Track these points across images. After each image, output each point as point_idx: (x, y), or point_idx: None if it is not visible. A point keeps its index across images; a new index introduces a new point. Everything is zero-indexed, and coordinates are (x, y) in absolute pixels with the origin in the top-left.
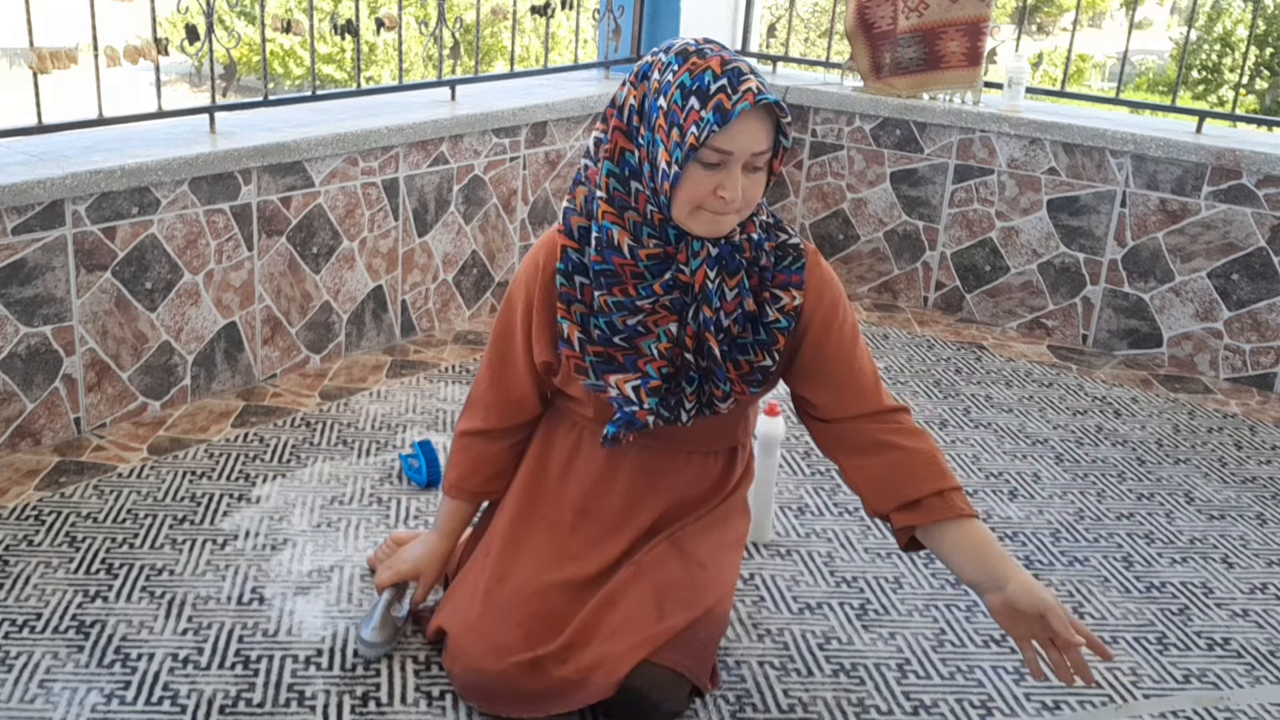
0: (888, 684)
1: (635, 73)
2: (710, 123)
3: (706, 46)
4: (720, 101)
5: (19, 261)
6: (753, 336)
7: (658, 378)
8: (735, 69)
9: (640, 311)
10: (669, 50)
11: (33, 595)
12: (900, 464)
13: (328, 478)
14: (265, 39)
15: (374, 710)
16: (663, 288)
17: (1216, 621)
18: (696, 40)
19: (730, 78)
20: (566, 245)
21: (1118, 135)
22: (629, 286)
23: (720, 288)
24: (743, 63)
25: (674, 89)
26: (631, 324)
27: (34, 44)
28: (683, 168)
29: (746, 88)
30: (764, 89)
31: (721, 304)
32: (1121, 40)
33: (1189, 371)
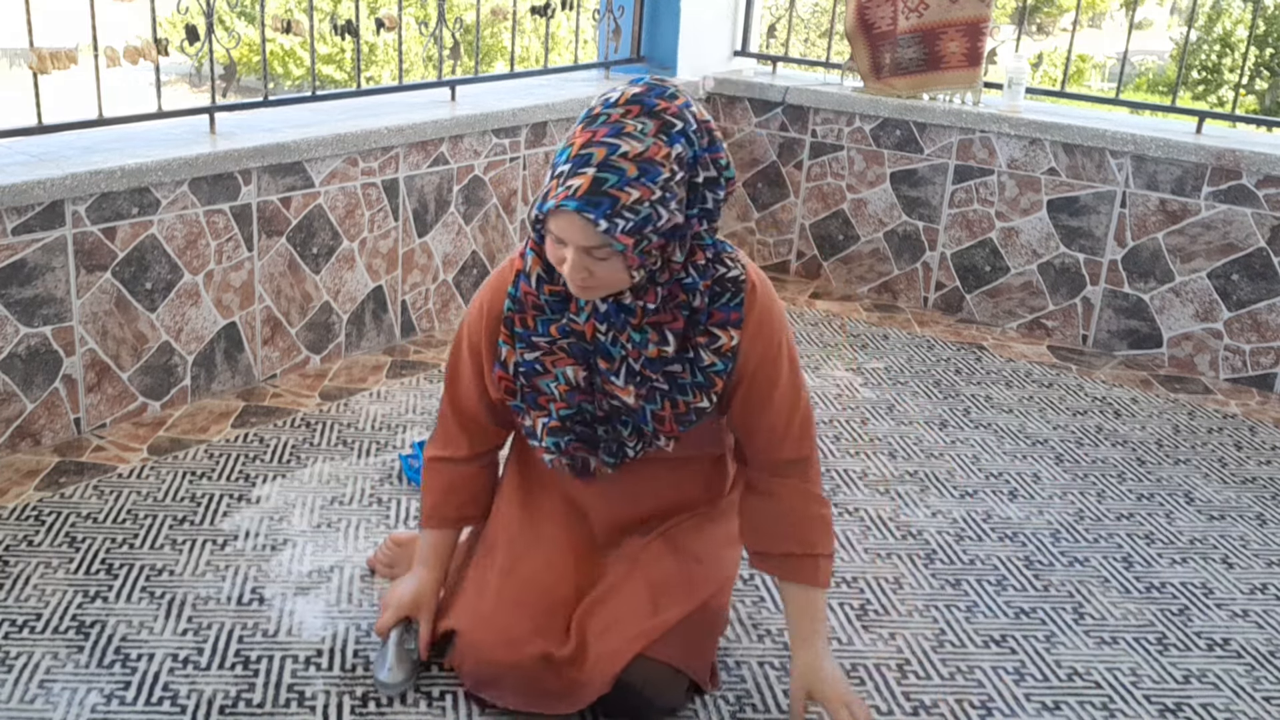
0: (888, 684)
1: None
2: (537, 201)
3: (624, 119)
4: (549, 187)
5: (19, 262)
6: (690, 378)
7: (556, 419)
8: (585, 156)
9: (536, 349)
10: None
11: (33, 595)
12: (781, 517)
13: (328, 478)
14: (265, 39)
15: (374, 710)
16: (559, 330)
17: (1216, 621)
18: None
19: (574, 165)
20: (518, 269)
21: (1118, 135)
22: (528, 318)
23: (616, 340)
24: (604, 149)
25: (562, 145)
26: (529, 360)
27: (34, 44)
28: (537, 231)
29: (567, 185)
30: (593, 190)
31: (626, 352)
32: (1121, 40)
33: (1189, 372)
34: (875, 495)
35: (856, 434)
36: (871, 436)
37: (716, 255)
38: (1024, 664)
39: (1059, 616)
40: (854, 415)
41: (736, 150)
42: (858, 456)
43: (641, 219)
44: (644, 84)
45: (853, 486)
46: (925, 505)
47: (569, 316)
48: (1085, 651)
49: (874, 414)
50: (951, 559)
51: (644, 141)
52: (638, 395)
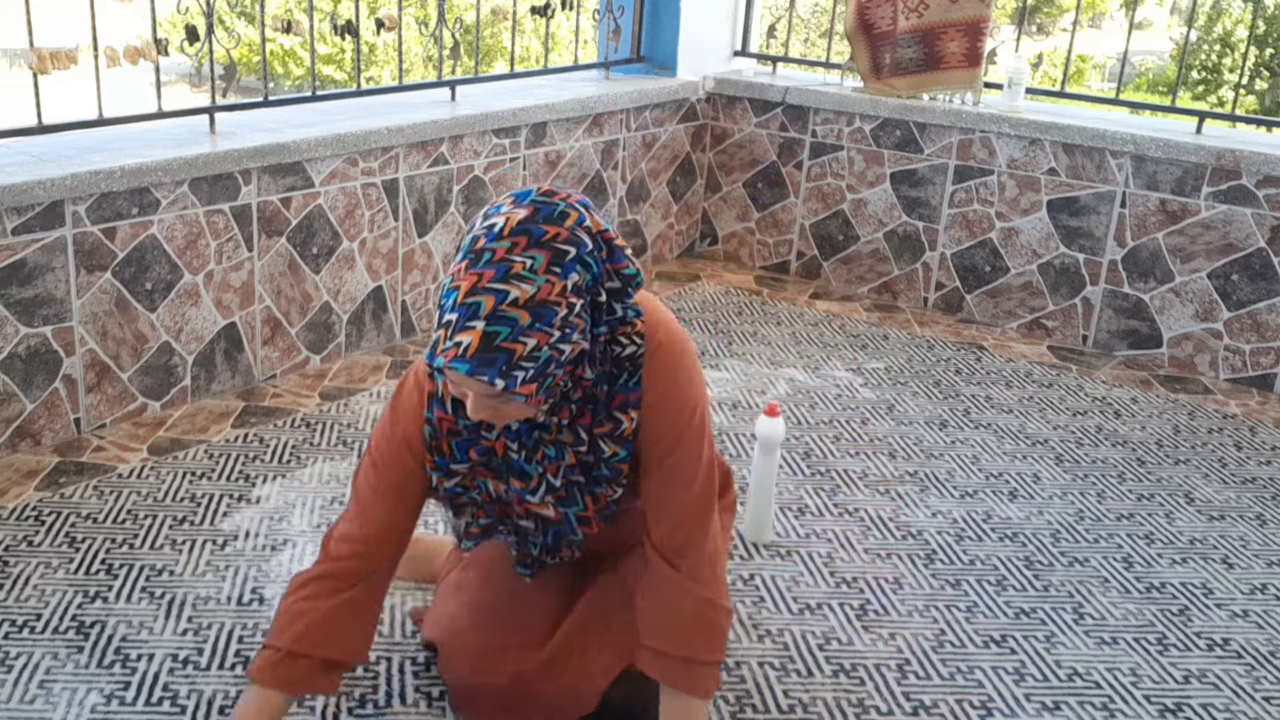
0: (888, 684)
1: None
2: (428, 354)
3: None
4: (439, 336)
5: (19, 262)
6: (595, 469)
7: (478, 526)
8: (474, 305)
9: (456, 475)
10: (485, 218)
11: (33, 595)
12: (676, 614)
13: (328, 478)
14: (265, 39)
15: (373, 711)
16: (476, 453)
17: (1216, 622)
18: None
19: (461, 316)
20: (429, 390)
21: (1118, 136)
22: (444, 444)
23: (531, 459)
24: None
25: (447, 283)
26: (449, 486)
27: (34, 44)
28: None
29: (456, 341)
30: (484, 347)
31: (544, 469)
32: (1121, 40)
33: (1189, 372)
34: (875, 495)
35: (856, 434)
36: (871, 436)
37: (611, 335)
38: (1024, 664)
39: (1059, 616)
40: (854, 415)
41: (736, 150)
42: (858, 456)
43: (541, 365)
44: (530, 203)
45: (853, 486)
46: (925, 505)
47: (482, 435)
48: (1085, 651)
49: (874, 414)
50: (951, 559)
51: (535, 282)
52: (557, 507)
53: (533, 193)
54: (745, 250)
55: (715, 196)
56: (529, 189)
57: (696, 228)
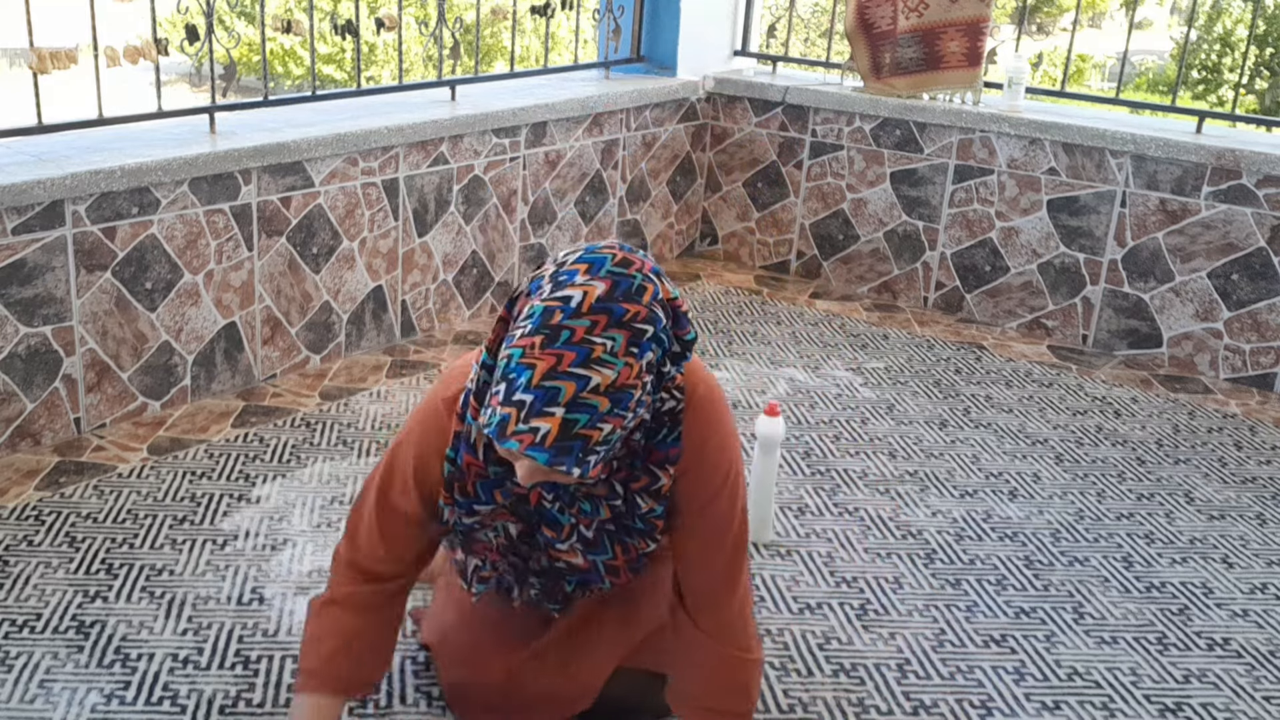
0: (888, 684)
1: (547, 264)
2: (491, 427)
3: (591, 336)
4: (506, 414)
5: (19, 261)
6: (630, 521)
7: (489, 569)
8: (553, 391)
9: (476, 515)
10: (558, 286)
11: (33, 595)
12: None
13: (328, 478)
14: (265, 39)
15: (373, 711)
16: (502, 495)
17: (1216, 621)
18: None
19: (538, 400)
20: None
21: (1118, 135)
22: (469, 485)
23: (565, 510)
24: (573, 384)
25: (507, 351)
26: (468, 523)
27: (34, 44)
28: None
29: (531, 426)
30: (563, 436)
31: (576, 520)
32: (1121, 40)
33: (1189, 371)
34: (875, 495)
35: (856, 434)
36: (871, 436)
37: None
38: (1024, 664)
39: (1059, 616)
40: (854, 415)
41: (736, 150)
42: (858, 456)
43: (612, 446)
44: (608, 275)
45: (853, 486)
46: (925, 505)
47: (512, 482)
48: (1085, 651)
49: (874, 414)
50: (951, 559)
51: (615, 366)
52: (585, 555)
53: (608, 261)
54: (745, 250)
55: (715, 196)
56: (602, 255)
57: (696, 227)
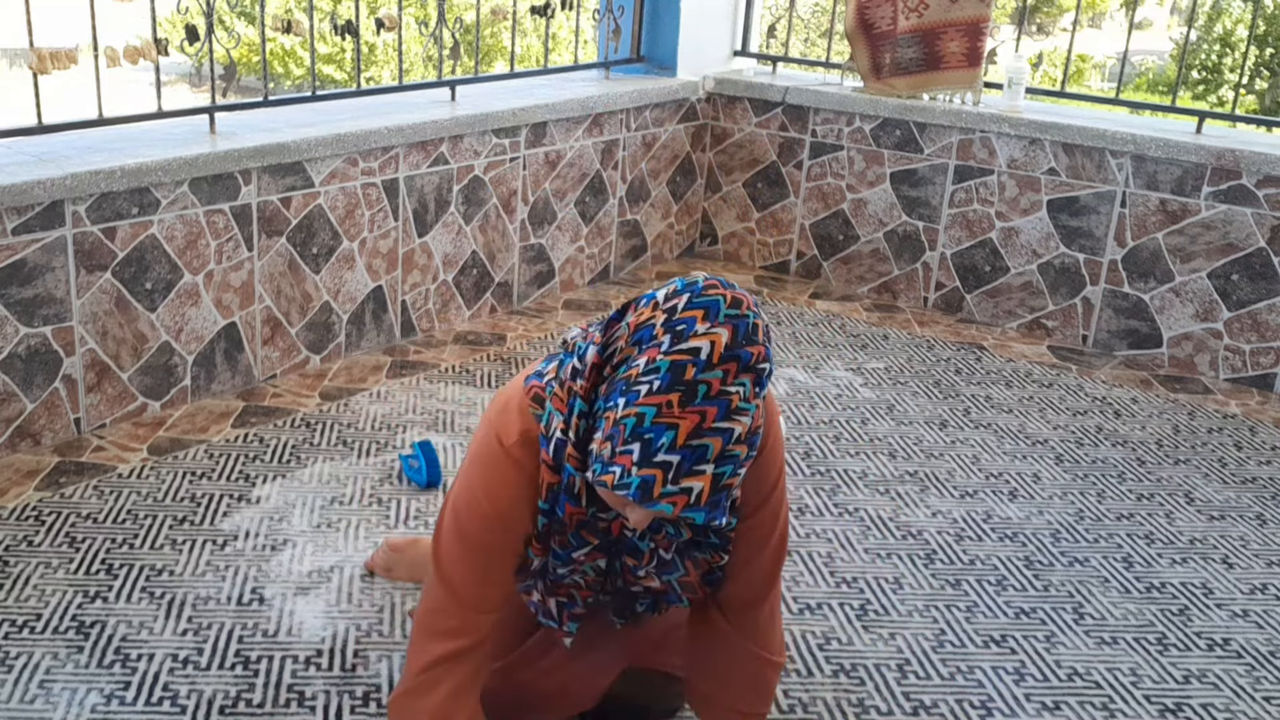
0: (888, 684)
1: (645, 309)
2: (630, 490)
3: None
4: (651, 481)
5: (19, 261)
6: (703, 537)
7: (582, 606)
8: (700, 449)
9: (572, 563)
10: (679, 338)
11: (33, 595)
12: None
13: (328, 478)
14: (265, 39)
15: (374, 710)
16: (593, 534)
17: (1216, 621)
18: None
19: (686, 459)
20: (551, 482)
21: (1118, 135)
22: (568, 536)
23: (648, 535)
24: (719, 439)
25: (633, 409)
26: (561, 573)
27: (34, 44)
28: (593, 482)
29: (683, 488)
30: (716, 493)
31: (656, 544)
32: (1121, 40)
33: (1189, 372)
34: (875, 495)
35: (856, 434)
36: (871, 436)
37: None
38: (1024, 664)
39: (1059, 616)
40: (854, 415)
41: (736, 150)
42: (858, 456)
43: (738, 485)
44: (728, 321)
45: (853, 487)
46: (925, 505)
47: (599, 517)
48: (1085, 651)
49: (874, 414)
50: (951, 559)
51: (749, 413)
52: (660, 576)
53: (722, 304)
54: (745, 250)
55: (715, 196)
56: (713, 297)
57: (696, 228)
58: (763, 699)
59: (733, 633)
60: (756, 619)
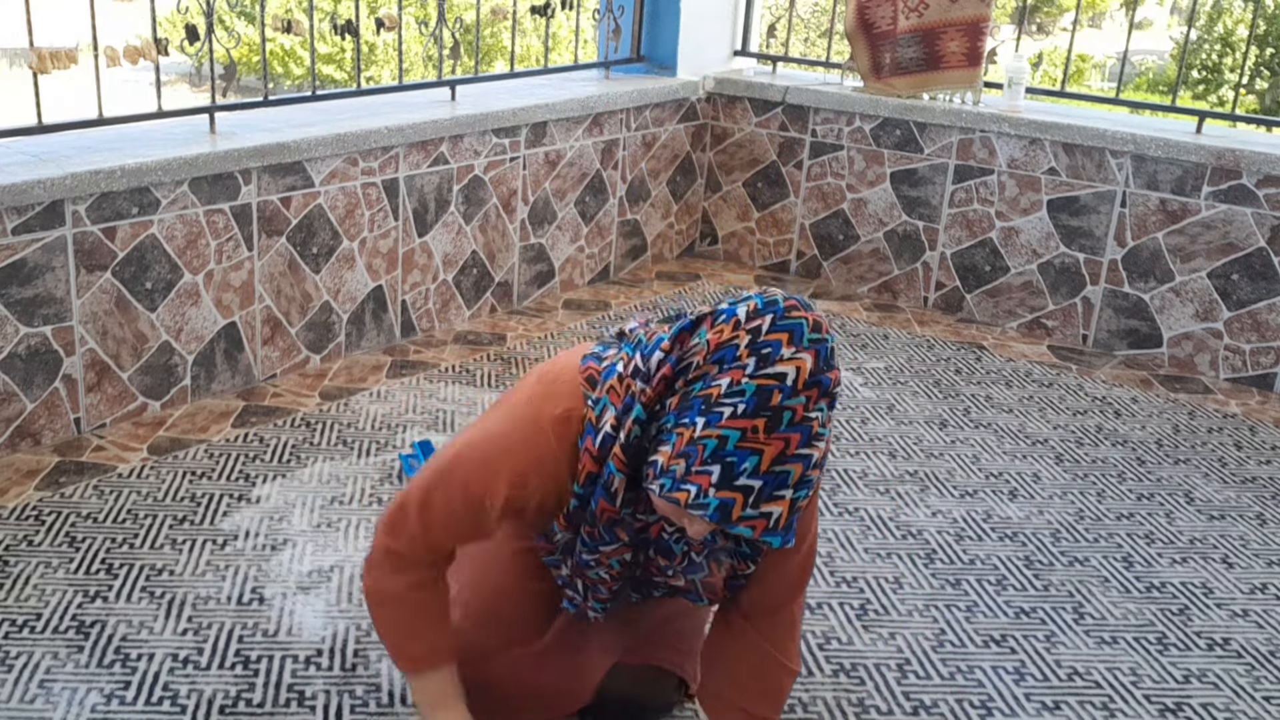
0: (888, 684)
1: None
2: (708, 511)
3: (808, 413)
4: (731, 504)
5: (19, 261)
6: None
7: (607, 594)
8: (782, 475)
9: (599, 553)
10: (765, 361)
11: (33, 595)
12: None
13: (328, 478)
14: (265, 39)
15: (374, 710)
16: (626, 532)
17: (1216, 621)
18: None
19: (768, 485)
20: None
21: (1118, 135)
22: (599, 530)
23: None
24: (800, 465)
25: (715, 430)
26: (585, 559)
27: (34, 44)
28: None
29: (763, 512)
30: (790, 514)
31: (689, 547)
32: (1121, 40)
33: (1189, 371)
34: (875, 495)
35: (856, 434)
36: (871, 436)
37: None
38: (1024, 664)
39: (1059, 616)
40: (854, 415)
41: (736, 150)
42: (858, 456)
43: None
44: (811, 346)
45: (853, 486)
46: (925, 505)
47: (638, 518)
48: (1085, 651)
49: (874, 414)
50: (951, 559)
51: (825, 438)
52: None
53: (805, 328)
54: (745, 250)
55: (715, 196)
56: (796, 320)
57: (697, 227)
58: (774, 705)
59: (753, 634)
60: (776, 624)
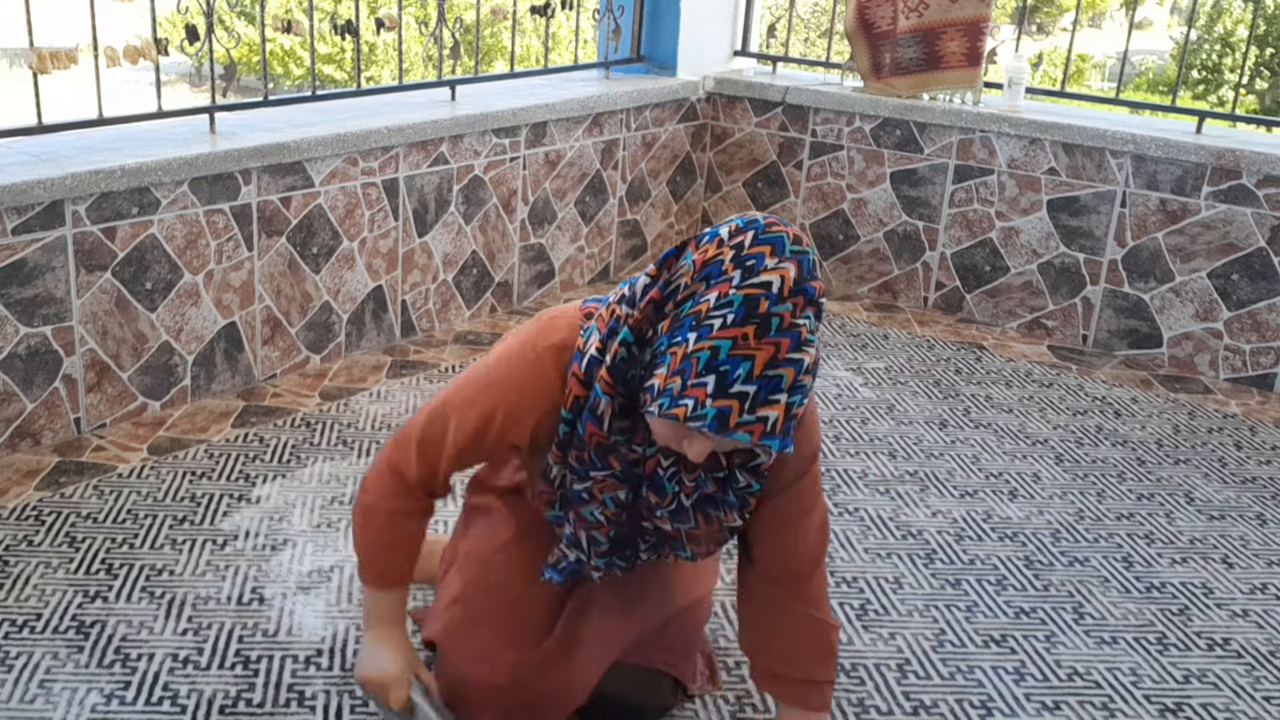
0: (888, 684)
1: (709, 245)
2: (706, 421)
3: (796, 319)
4: (728, 411)
5: (19, 261)
6: (722, 494)
7: (605, 542)
8: (775, 379)
9: (589, 480)
10: (750, 272)
11: (33, 595)
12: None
13: (328, 478)
14: (265, 39)
15: (374, 710)
16: (618, 460)
17: (1216, 621)
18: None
19: (762, 389)
20: (578, 395)
21: (1118, 135)
22: (587, 454)
23: (678, 476)
24: (792, 369)
25: (706, 343)
26: (577, 489)
27: (34, 44)
28: (661, 416)
29: (759, 416)
30: (788, 421)
31: (680, 488)
32: (1121, 40)
33: (1189, 371)
34: (875, 495)
35: (856, 434)
36: (871, 436)
37: None
38: (1024, 664)
39: (1059, 616)
40: (854, 415)
41: (736, 150)
42: (858, 456)
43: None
44: (793, 256)
45: (853, 486)
46: (925, 505)
47: (633, 448)
48: (1085, 651)
49: (874, 414)
50: (951, 559)
51: (814, 344)
52: (673, 522)
53: (786, 240)
54: None
55: (715, 196)
56: (777, 233)
57: (696, 227)
58: (829, 665)
59: (792, 600)
60: (810, 585)
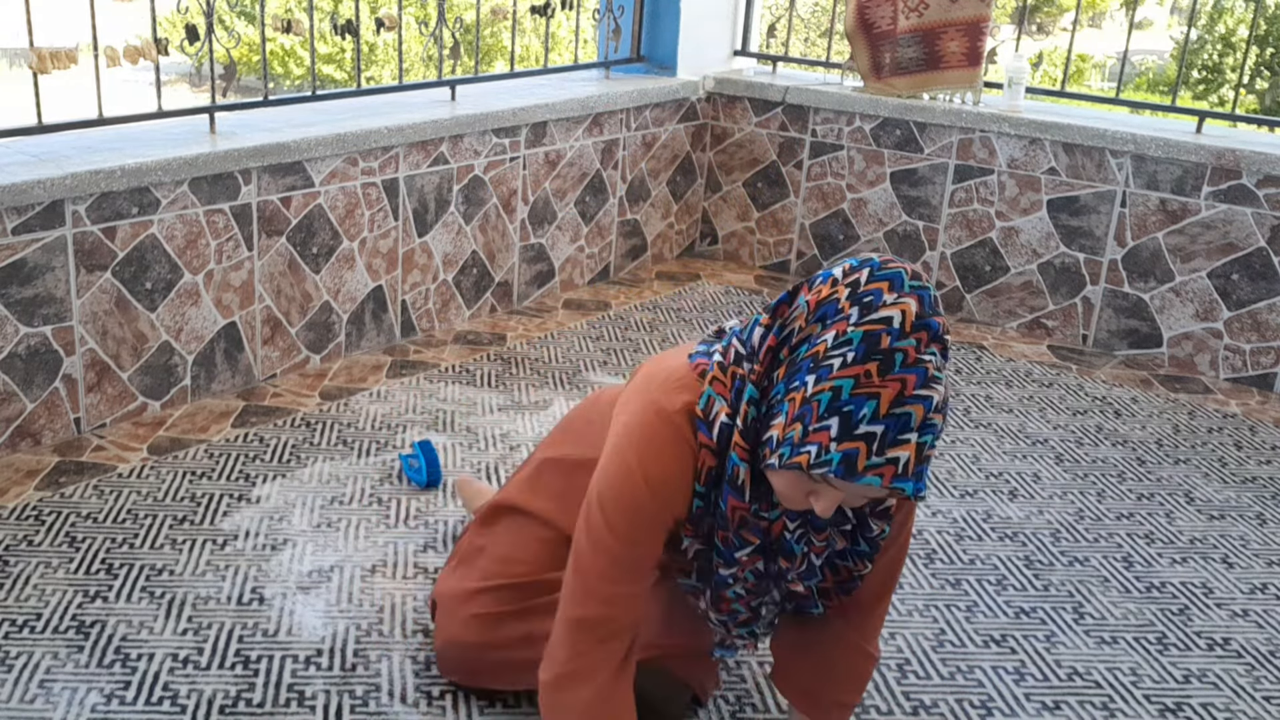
0: (888, 684)
1: (823, 286)
2: (832, 466)
3: (921, 355)
4: (855, 454)
5: (19, 261)
6: (853, 545)
7: (746, 613)
8: (903, 417)
9: (736, 564)
10: (868, 309)
11: (33, 595)
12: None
13: (328, 478)
14: (265, 39)
15: (374, 710)
16: (754, 533)
17: (1216, 621)
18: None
19: (890, 428)
20: (712, 466)
21: (1118, 135)
22: (731, 535)
23: (806, 537)
24: (921, 406)
25: (826, 384)
26: (723, 575)
27: (34, 44)
28: (782, 467)
29: (889, 458)
30: (920, 463)
31: (810, 548)
32: (1121, 40)
33: (1189, 371)
34: None
35: None
36: None
37: None
38: (1024, 664)
39: (1059, 616)
40: None
41: (736, 150)
42: None
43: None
44: (915, 292)
45: None
46: (925, 505)
47: (761, 517)
48: (1085, 651)
49: None
50: (951, 559)
51: (941, 380)
52: (803, 581)
53: (904, 275)
54: (745, 250)
55: (715, 196)
56: (893, 270)
57: (697, 227)
58: (861, 689)
59: (848, 630)
60: (871, 618)
